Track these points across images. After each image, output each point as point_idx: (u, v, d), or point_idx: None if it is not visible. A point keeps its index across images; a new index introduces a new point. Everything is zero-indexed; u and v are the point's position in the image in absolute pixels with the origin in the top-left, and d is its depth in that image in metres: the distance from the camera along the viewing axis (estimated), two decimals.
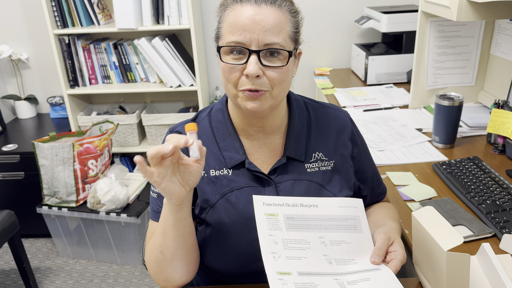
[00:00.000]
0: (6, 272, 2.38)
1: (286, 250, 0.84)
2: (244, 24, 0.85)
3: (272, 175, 0.98)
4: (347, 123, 1.06)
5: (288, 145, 0.99)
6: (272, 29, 0.86)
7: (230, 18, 0.88)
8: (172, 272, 0.92)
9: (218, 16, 0.93)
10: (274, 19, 0.86)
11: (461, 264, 0.77)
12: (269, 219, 0.87)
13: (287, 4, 0.90)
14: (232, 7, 0.88)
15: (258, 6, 0.86)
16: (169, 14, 2.39)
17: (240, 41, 0.86)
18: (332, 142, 1.03)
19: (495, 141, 1.54)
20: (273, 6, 0.87)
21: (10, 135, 2.63)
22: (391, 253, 0.89)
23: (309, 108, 1.06)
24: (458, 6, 1.44)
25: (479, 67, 1.87)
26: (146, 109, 2.69)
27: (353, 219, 0.93)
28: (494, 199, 1.18)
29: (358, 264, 0.88)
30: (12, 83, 2.87)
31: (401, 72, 2.30)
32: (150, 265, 0.95)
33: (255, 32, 0.85)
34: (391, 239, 0.91)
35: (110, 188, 2.19)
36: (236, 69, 0.88)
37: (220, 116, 1.01)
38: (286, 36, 0.89)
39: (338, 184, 1.01)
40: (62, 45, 2.48)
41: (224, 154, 0.98)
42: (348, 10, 2.64)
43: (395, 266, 0.86)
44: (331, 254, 0.87)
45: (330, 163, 1.01)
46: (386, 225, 0.97)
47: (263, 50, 0.87)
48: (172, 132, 1.02)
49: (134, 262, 2.38)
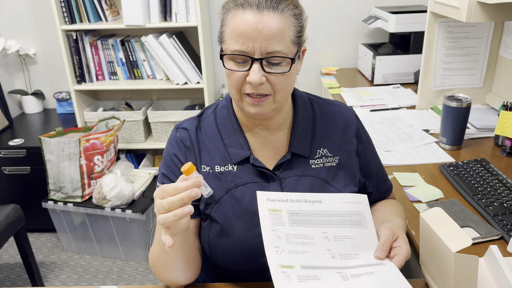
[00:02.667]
0: (11, 266, 2.40)
1: (289, 245, 0.84)
2: (246, 32, 0.85)
3: (277, 171, 0.98)
4: (352, 120, 1.07)
5: (293, 141, 0.99)
6: (274, 37, 0.85)
7: (233, 25, 0.87)
8: (175, 279, 0.96)
9: (221, 18, 0.92)
10: (276, 26, 0.85)
11: (469, 266, 0.77)
12: (272, 215, 0.87)
13: (290, 8, 0.88)
14: (234, 12, 0.87)
15: (260, 12, 0.85)
16: (177, 11, 2.39)
17: (243, 50, 0.86)
18: (337, 138, 1.03)
19: (502, 143, 1.53)
20: (275, 12, 0.86)
21: (16, 130, 2.64)
22: (395, 249, 0.90)
23: (314, 104, 1.06)
24: (468, 7, 1.43)
25: (487, 68, 1.86)
26: (152, 106, 2.69)
27: (358, 214, 0.93)
28: (501, 201, 1.17)
29: (361, 259, 0.88)
30: (19, 78, 2.88)
31: (408, 73, 2.29)
32: (154, 270, 0.98)
33: (257, 41, 0.85)
34: (395, 234, 0.91)
35: (116, 184, 2.20)
36: (239, 75, 0.89)
37: (225, 113, 1.02)
38: (289, 42, 0.88)
39: (343, 180, 1.01)
40: (70, 40, 2.49)
41: (229, 150, 0.98)
42: (355, 10, 2.63)
43: (399, 261, 0.87)
44: (335, 249, 0.87)
45: (335, 159, 1.01)
46: (391, 221, 0.97)
47: (266, 58, 0.87)
48: (178, 129, 1.03)
49: (138, 258, 2.39)
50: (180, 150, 1.00)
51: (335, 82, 2.39)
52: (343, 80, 2.43)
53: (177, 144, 1.01)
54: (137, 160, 2.87)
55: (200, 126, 1.02)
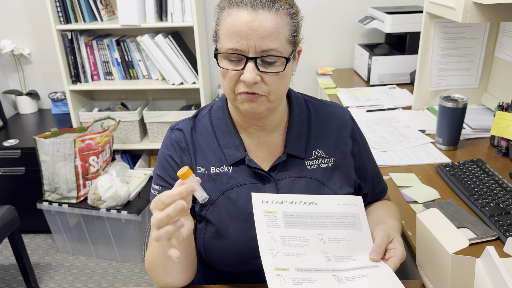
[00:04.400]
0: (6, 267, 2.38)
1: (284, 247, 0.84)
2: (240, 31, 0.84)
3: (272, 172, 0.98)
4: (348, 121, 1.06)
5: (288, 142, 0.99)
6: (269, 35, 0.85)
7: (227, 23, 0.87)
8: (173, 281, 0.95)
9: (216, 17, 0.92)
10: (271, 25, 0.85)
11: (466, 267, 0.77)
12: (267, 217, 0.86)
13: (285, 7, 0.87)
14: (229, 11, 0.87)
15: (255, 11, 0.84)
16: (173, 11, 2.38)
17: (237, 48, 0.85)
18: (333, 139, 1.03)
19: (498, 144, 1.54)
20: (270, 10, 0.85)
21: (11, 130, 2.62)
22: (390, 251, 0.89)
23: (309, 105, 1.06)
24: (464, 7, 1.43)
25: (483, 69, 1.87)
26: (147, 106, 2.68)
27: (352, 216, 0.93)
28: (497, 202, 1.17)
29: (357, 261, 0.88)
30: (13, 78, 2.86)
31: (404, 73, 2.30)
32: (151, 274, 0.97)
33: (252, 39, 0.84)
34: (390, 236, 0.91)
35: (111, 185, 2.19)
36: (234, 74, 0.88)
37: (220, 114, 1.01)
38: (284, 41, 0.87)
39: (339, 181, 1.01)
40: (65, 40, 2.48)
41: (224, 151, 0.98)
42: (351, 10, 2.63)
43: (394, 263, 0.86)
44: (330, 251, 0.87)
45: (331, 160, 1.01)
46: (386, 223, 0.97)
47: (260, 57, 0.86)
48: (173, 130, 1.02)
49: (134, 259, 2.38)
50: (175, 151, 0.99)
51: (331, 82, 2.39)
52: (339, 81, 2.43)
53: (172, 145, 1.00)
54: (133, 161, 2.86)
55: (195, 127, 1.02)
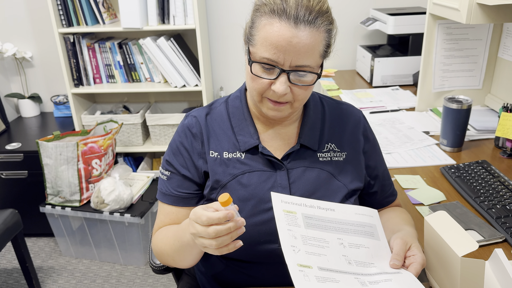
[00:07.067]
0: (9, 271, 2.38)
1: (306, 246, 0.83)
2: (279, 44, 0.85)
3: (285, 161, 1.00)
4: (360, 119, 1.10)
5: (302, 133, 1.02)
6: (306, 52, 0.86)
7: (266, 32, 0.86)
8: (181, 266, 1.01)
9: (251, 17, 0.92)
10: (310, 42, 0.86)
11: (476, 270, 0.77)
12: (287, 216, 0.86)
13: (325, 24, 0.88)
14: (270, 20, 0.86)
15: (296, 27, 0.84)
16: (175, 14, 2.38)
17: (273, 60, 0.87)
18: (345, 135, 1.06)
19: (503, 145, 1.53)
20: (311, 27, 0.85)
21: (13, 134, 2.62)
22: (410, 257, 0.89)
23: (324, 102, 1.09)
24: (468, 8, 1.43)
25: (486, 70, 1.86)
26: (150, 109, 2.68)
27: (370, 226, 0.92)
28: (504, 203, 1.17)
29: (378, 268, 0.86)
30: (16, 82, 2.86)
31: (407, 75, 2.29)
32: (159, 259, 1.05)
33: (289, 54, 0.86)
34: (408, 243, 0.91)
35: (114, 188, 2.18)
36: (265, 81, 0.91)
37: (237, 103, 1.04)
38: (318, 57, 0.90)
39: (350, 175, 1.02)
40: (67, 44, 2.48)
41: (238, 138, 1.00)
42: (354, 12, 2.63)
43: (416, 269, 0.85)
44: (351, 256, 0.86)
45: (342, 155, 1.04)
46: (402, 230, 0.97)
47: (294, 71, 0.88)
48: (187, 117, 1.04)
49: (137, 262, 2.37)
50: (185, 138, 1.02)
51: (334, 84, 2.38)
52: (342, 82, 2.42)
53: (183, 131, 1.03)
54: (135, 164, 2.85)
55: (211, 114, 1.04)
